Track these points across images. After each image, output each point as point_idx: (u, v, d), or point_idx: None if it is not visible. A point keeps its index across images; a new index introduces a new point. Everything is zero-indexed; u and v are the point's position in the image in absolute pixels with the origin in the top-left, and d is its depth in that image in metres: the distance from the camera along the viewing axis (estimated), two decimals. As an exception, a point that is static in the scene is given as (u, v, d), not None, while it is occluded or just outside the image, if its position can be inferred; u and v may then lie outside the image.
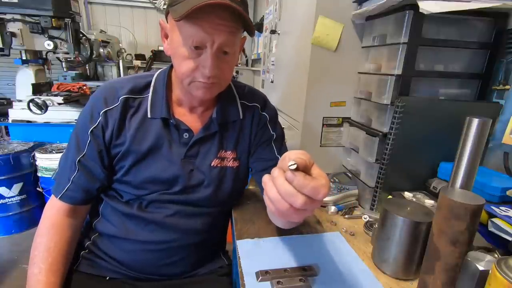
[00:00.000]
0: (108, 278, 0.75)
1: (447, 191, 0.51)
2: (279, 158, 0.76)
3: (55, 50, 2.05)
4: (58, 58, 2.16)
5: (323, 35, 0.99)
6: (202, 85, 0.63)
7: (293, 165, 0.39)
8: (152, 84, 0.72)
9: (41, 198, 2.09)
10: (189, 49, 0.59)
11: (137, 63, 3.99)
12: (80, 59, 2.17)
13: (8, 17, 1.91)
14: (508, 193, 0.67)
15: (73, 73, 3.16)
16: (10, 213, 1.97)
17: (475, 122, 0.58)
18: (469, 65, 0.87)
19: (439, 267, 0.51)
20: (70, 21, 1.97)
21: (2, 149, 1.92)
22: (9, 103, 2.24)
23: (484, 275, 0.46)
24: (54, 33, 2.03)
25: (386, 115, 0.86)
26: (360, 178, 0.97)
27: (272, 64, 1.76)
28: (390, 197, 0.84)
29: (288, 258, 0.65)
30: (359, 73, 1.03)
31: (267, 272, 0.59)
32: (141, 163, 0.70)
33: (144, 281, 0.75)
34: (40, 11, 1.91)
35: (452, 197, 0.49)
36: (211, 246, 0.82)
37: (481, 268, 0.47)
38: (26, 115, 2.02)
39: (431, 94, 0.88)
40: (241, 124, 0.77)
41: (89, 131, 0.68)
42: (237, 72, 3.66)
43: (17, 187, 1.95)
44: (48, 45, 2.00)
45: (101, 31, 3.41)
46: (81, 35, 2.17)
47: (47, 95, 2.06)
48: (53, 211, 0.71)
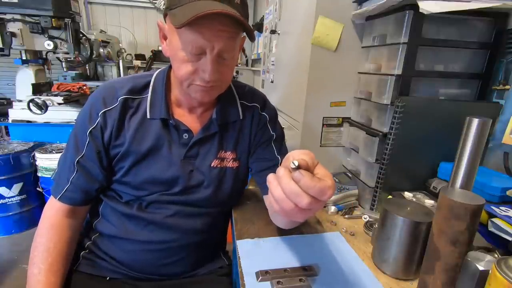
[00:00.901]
0: (108, 278, 0.75)
1: (447, 191, 0.51)
2: (279, 158, 0.77)
3: (55, 50, 2.05)
4: (58, 58, 2.16)
5: (323, 35, 0.99)
6: (201, 88, 0.63)
7: (295, 167, 0.39)
8: (151, 84, 0.72)
9: (41, 198, 2.09)
10: (188, 53, 0.59)
11: (137, 63, 3.99)
12: (80, 59, 2.17)
13: (8, 17, 1.91)
14: (508, 193, 0.67)
15: (73, 73, 3.16)
16: (10, 213, 1.97)
17: (475, 122, 0.58)
18: (469, 65, 0.87)
19: (439, 267, 0.51)
20: (70, 21, 1.97)
21: (2, 149, 1.92)
22: (9, 103, 2.24)
23: (484, 275, 0.46)
24: (54, 33, 2.02)
25: (386, 115, 0.86)
26: (360, 178, 0.97)
27: (272, 64, 1.76)
28: (390, 197, 0.84)
29: (288, 258, 0.65)
30: (359, 73, 1.03)
31: (267, 272, 0.59)
32: (140, 163, 0.69)
33: (145, 281, 0.75)
34: (40, 11, 1.91)
35: (452, 197, 0.49)
36: (211, 246, 0.82)
37: (481, 268, 0.47)
38: (26, 115, 2.02)
39: (431, 94, 0.88)
40: (241, 124, 0.77)
41: (87, 131, 0.68)
42: (237, 72, 3.66)
43: (17, 187, 1.95)
44: (48, 45, 2.00)
45: (101, 31, 3.41)
46: (81, 35, 2.17)
47: (47, 95, 2.06)
48: (52, 212, 0.71)
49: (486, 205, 0.61)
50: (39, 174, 1.96)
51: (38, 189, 2.01)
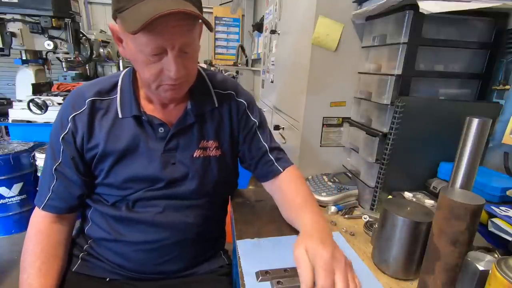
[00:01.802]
0: (108, 280, 0.74)
1: (447, 191, 0.51)
2: (266, 145, 0.78)
3: (55, 50, 2.05)
4: (58, 58, 2.15)
5: (323, 35, 0.99)
6: (170, 87, 0.63)
7: None
8: (119, 84, 0.72)
9: (41, 198, 2.09)
10: (148, 55, 0.58)
11: (137, 63, 3.98)
12: (80, 59, 2.17)
13: (8, 17, 1.91)
14: (508, 193, 0.67)
15: (73, 73, 3.15)
16: (10, 213, 1.97)
17: (475, 122, 0.58)
18: (469, 65, 0.87)
19: (439, 267, 0.51)
20: (70, 21, 1.97)
21: (2, 149, 1.92)
22: (9, 103, 2.23)
23: (484, 275, 0.46)
24: (54, 33, 2.02)
25: (386, 115, 0.86)
26: (360, 178, 0.97)
27: (272, 64, 1.76)
28: (390, 197, 0.84)
29: (288, 258, 0.65)
30: (359, 73, 1.03)
31: (267, 272, 0.59)
32: (119, 163, 0.69)
33: (144, 281, 0.75)
34: (40, 11, 1.91)
35: (452, 197, 0.49)
36: (208, 241, 0.81)
37: (481, 268, 0.47)
38: (26, 115, 2.02)
39: (431, 94, 0.88)
40: (219, 112, 0.76)
41: (60, 138, 0.68)
42: (237, 72, 3.66)
43: (17, 187, 1.95)
44: (48, 45, 2.00)
45: (101, 31, 3.40)
46: (81, 35, 2.17)
47: (47, 95, 2.06)
48: (39, 219, 0.72)
49: (486, 205, 0.61)
50: (39, 174, 1.96)
51: (38, 189, 2.00)
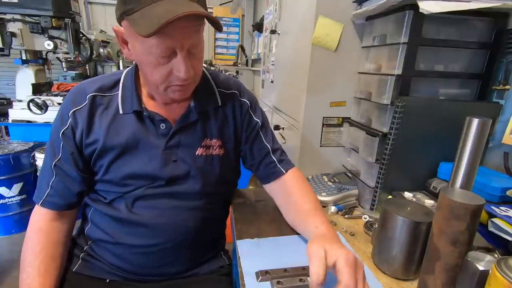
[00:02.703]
0: (108, 280, 0.74)
1: (447, 191, 0.51)
2: (268, 146, 0.78)
3: (55, 50, 2.04)
4: (58, 58, 2.15)
5: (323, 35, 0.99)
6: (179, 87, 0.63)
7: None
8: (121, 81, 0.72)
9: (41, 198, 2.09)
10: (158, 57, 0.58)
11: (137, 63, 3.98)
12: (80, 59, 2.17)
13: (8, 17, 1.91)
14: (508, 193, 0.67)
15: (73, 73, 3.15)
16: (10, 213, 1.97)
17: (475, 122, 0.58)
18: (469, 65, 0.87)
19: (439, 267, 0.51)
20: (70, 21, 1.97)
21: (2, 149, 1.92)
22: (9, 103, 2.23)
23: (484, 275, 0.46)
24: (54, 33, 2.02)
25: (386, 115, 0.86)
26: (360, 178, 0.97)
27: (272, 64, 1.76)
28: (390, 197, 0.84)
29: (288, 258, 0.65)
30: (359, 73, 1.03)
31: (267, 272, 0.59)
32: (119, 159, 0.69)
33: (144, 282, 0.75)
34: (40, 11, 1.91)
35: (452, 197, 0.49)
36: (208, 243, 0.81)
37: (481, 268, 0.47)
38: (26, 115, 2.02)
39: (431, 94, 0.88)
40: (224, 111, 0.76)
41: (60, 133, 0.68)
42: (237, 72, 3.66)
43: (17, 187, 1.95)
44: (48, 45, 2.00)
45: (101, 31, 3.40)
46: (81, 35, 2.17)
47: (47, 95, 2.06)
48: (38, 217, 0.72)
49: (486, 205, 0.61)
50: (39, 174, 1.96)
51: (37, 185, 2.00)
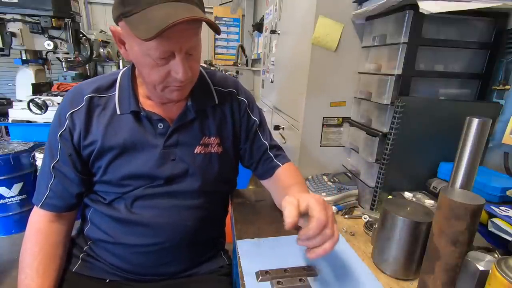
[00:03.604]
0: (108, 281, 0.74)
1: (447, 191, 0.51)
2: (266, 144, 0.80)
3: (55, 50, 2.04)
4: (58, 58, 2.15)
5: (323, 35, 0.99)
6: (176, 88, 0.63)
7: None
8: (118, 82, 0.72)
9: (41, 198, 2.09)
10: (156, 59, 0.58)
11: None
12: (80, 59, 2.16)
13: (8, 17, 1.91)
14: (508, 193, 0.67)
15: (73, 73, 3.15)
16: (10, 213, 1.97)
17: (475, 122, 0.58)
18: (469, 65, 0.87)
19: (439, 267, 0.51)
20: (70, 21, 1.97)
21: (2, 149, 1.92)
22: (9, 103, 2.23)
23: (484, 275, 0.46)
24: (54, 33, 2.02)
25: (386, 115, 0.86)
26: (360, 178, 0.97)
27: (272, 64, 1.76)
28: (390, 197, 0.84)
29: (288, 258, 0.65)
30: (359, 73, 1.03)
31: (267, 272, 0.59)
32: (118, 160, 0.69)
33: (144, 282, 0.75)
34: (40, 11, 1.91)
35: (452, 197, 0.49)
36: (207, 242, 0.81)
37: (481, 268, 0.47)
38: (26, 115, 2.02)
39: (431, 94, 0.88)
40: (221, 109, 0.77)
41: (58, 135, 0.68)
42: (237, 72, 3.65)
43: (17, 187, 1.95)
44: (48, 45, 2.00)
45: (101, 31, 3.41)
46: (81, 35, 2.17)
47: (47, 95, 2.06)
48: (37, 218, 0.72)
49: (486, 205, 0.61)
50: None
51: (36, 187, 2.00)
